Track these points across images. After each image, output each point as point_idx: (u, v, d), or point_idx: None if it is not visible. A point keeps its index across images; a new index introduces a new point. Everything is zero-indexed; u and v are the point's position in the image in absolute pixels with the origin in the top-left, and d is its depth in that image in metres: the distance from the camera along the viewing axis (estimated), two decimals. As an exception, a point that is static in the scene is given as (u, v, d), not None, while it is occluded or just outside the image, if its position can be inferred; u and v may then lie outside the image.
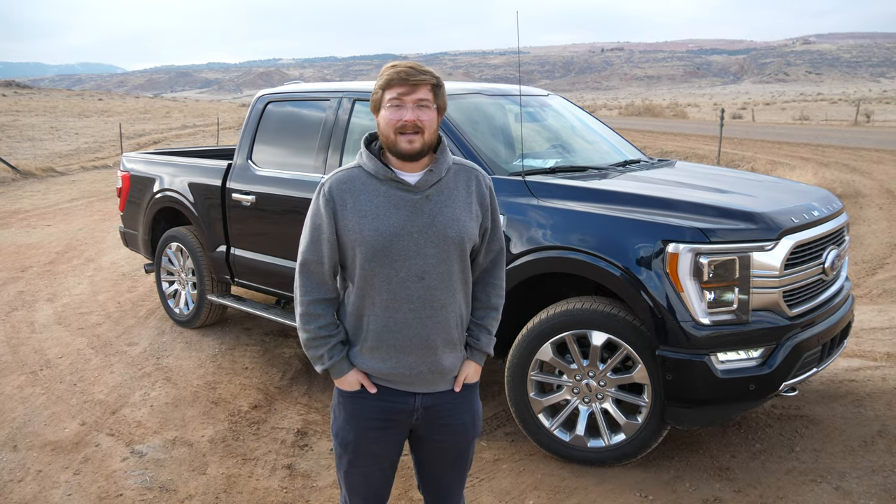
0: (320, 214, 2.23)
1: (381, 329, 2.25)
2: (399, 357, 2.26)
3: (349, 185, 2.22)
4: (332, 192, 2.22)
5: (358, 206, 2.20)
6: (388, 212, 2.19)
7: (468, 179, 2.32)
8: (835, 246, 3.88)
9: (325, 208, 2.22)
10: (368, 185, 2.22)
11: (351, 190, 2.22)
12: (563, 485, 3.68)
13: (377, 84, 2.20)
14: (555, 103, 5.54)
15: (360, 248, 2.19)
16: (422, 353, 2.26)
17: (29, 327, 6.38)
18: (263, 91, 5.67)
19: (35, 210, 13.13)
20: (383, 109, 2.19)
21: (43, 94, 65.77)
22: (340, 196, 2.22)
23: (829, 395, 4.51)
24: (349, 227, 2.20)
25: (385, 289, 2.21)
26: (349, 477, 2.41)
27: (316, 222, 2.24)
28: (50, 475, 3.88)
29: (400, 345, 2.25)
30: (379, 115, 2.21)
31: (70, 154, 23.29)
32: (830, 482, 3.56)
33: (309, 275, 2.28)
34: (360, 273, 2.23)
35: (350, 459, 2.37)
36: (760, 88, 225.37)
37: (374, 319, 2.25)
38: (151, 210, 6.35)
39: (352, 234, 2.19)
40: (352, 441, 2.34)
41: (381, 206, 2.19)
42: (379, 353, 2.27)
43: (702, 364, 3.36)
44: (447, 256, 2.23)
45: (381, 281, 2.21)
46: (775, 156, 19.28)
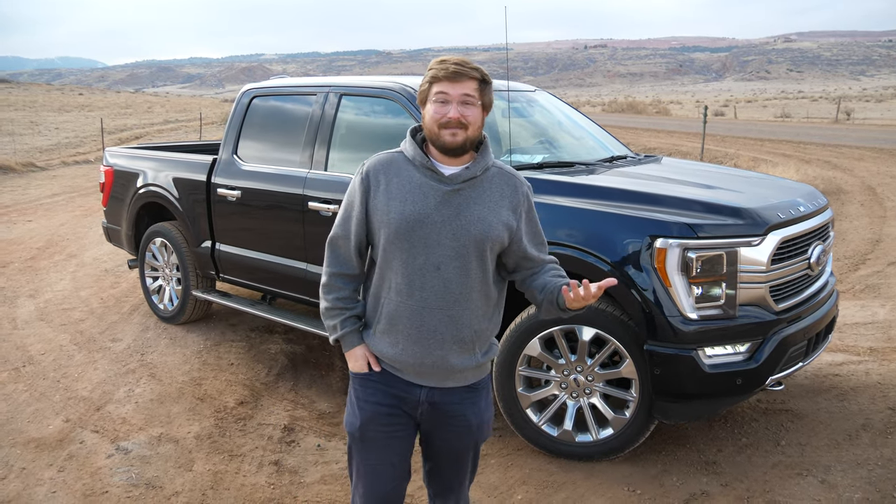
0: (354, 192, 2.31)
1: (393, 312, 2.27)
2: (406, 344, 2.27)
3: (386, 167, 2.28)
4: (368, 172, 2.29)
5: (390, 188, 2.25)
6: (416, 198, 2.22)
7: (505, 184, 2.32)
8: (820, 241, 3.91)
9: (360, 186, 2.29)
10: (404, 169, 2.27)
11: (387, 171, 2.27)
12: (552, 479, 3.69)
13: (425, 77, 2.24)
14: (541, 99, 5.54)
15: (384, 230, 2.23)
16: (429, 344, 2.26)
17: (10, 323, 6.31)
18: (249, 85, 5.63)
19: (15, 205, 12.98)
20: (429, 103, 2.22)
21: (22, 88, 65.02)
22: (376, 176, 2.28)
23: (814, 390, 4.55)
24: (378, 208, 2.25)
25: (402, 273, 2.24)
26: (360, 472, 2.39)
27: (350, 199, 2.33)
28: (34, 472, 3.84)
29: (408, 331, 2.26)
30: (425, 108, 2.25)
31: (50, 149, 23.04)
32: (816, 475, 3.59)
33: (336, 248, 2.36)
34: (381, 255, 2.27)
35: (360, 448, 2.37)
36: (742, 86, 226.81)
37: (388, 302, 2.28)
38: (135, 205, 6.29)
39: (379, 213, 2.24)
40: (359, 427, 2.34)
41: (411, 192, 2.23)
42: (389, 336, 2.29)
43: (689, 359, 3.38)
44: (465, 252, 2.23)
45: (399, 264, 2.24)
46: (757, 152, 19.40)
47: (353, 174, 4.29)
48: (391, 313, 2.27)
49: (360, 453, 2.38)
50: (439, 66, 2.21)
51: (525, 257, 2.38)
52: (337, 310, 2.36)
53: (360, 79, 5.05)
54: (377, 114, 4.84)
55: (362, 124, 4.92)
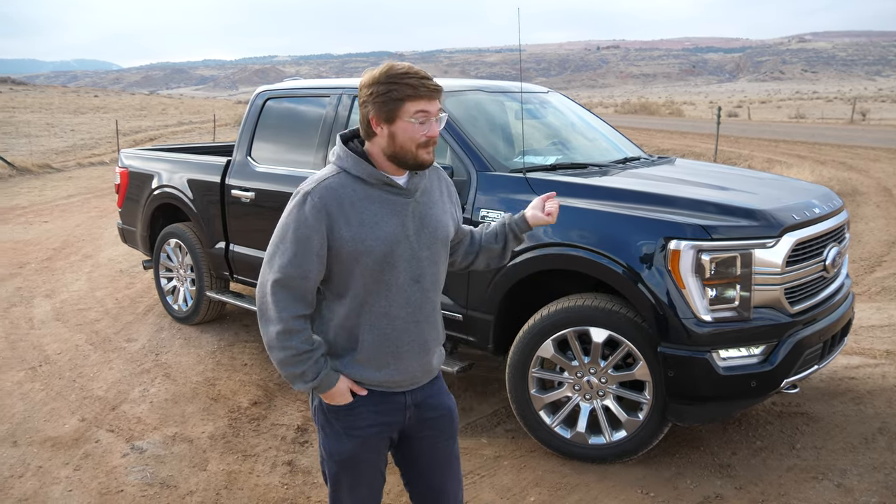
0: (309, 226, 2.04)
1: (378, 338, 2.15)
2: (396, 363, 2.18)
3: (337, 193, 2.07)
4: (323, 203, 2.05)
5: (355, 216, 2.07)
6: (385, 218, 2.10)
7: (438, 179, 2.32)
8: (836, 243, 3.89)
9: (316, 220, 2.04)
10: (359, 191, 2.10)
11: (340, 198, 2.07)
12: (565, 481, 3.68)
13: (395, 93, 2.03)
14: (554, 100, 5.54)
15: (363, 259, 2.08)
16: (418, 356, 2.22)
17: (27, 323, 6.36)
18: (263, 87, 5.66)
19: (32, 206, 13.09)
20: (403, 121, 2.05)
21: (38, 90, 65.57)
22: (331, 206, 2.06)
23: (830, 393, 4.52)
24: (348, 238, 2.06)
25: (385, 296, 2.14)
26: (352, 496, 2.29)
27: (303, 234, 2.05)
28: (50, 471, 3.87)
29: (398, 351, 2.18)
30: (395, 125, 2.06)
31: (66, 150, 23.22)
32: (832, 479, 3.57)
33: (289, 290, 2.08)
34: (359, 283, 2.11)
35: (352, 476, 2.26)
36: (756, 87, 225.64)
37: (369, 329, 2.15)
38: (150, 206, 6.33)
39: (351, 244, 2.06)
40: (351, 457, 2.23)
41: (378, 213, 2.10)
42: (374, 362, 2.17)
43: (703, 361, 3.36)
44: (437, 258, 2.22)
45: (382, 288, 2.13)
46: (772, 154, 19.30)
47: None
48: (375, 339, 2.15)
49: (352, 478, 2.27)
50: (417, 82, 2.04)
51: (459, 238, 2.44)
52: (304, 353, 2.09)
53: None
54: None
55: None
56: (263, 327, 2.11)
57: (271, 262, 2.09)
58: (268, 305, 2.09)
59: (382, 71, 2.07)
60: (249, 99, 5.69)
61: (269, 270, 2.09)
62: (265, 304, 2.09)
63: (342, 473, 2.26)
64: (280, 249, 2.07)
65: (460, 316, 4.15)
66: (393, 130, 2.07)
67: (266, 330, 2.10)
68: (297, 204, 2.07)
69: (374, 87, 2.05)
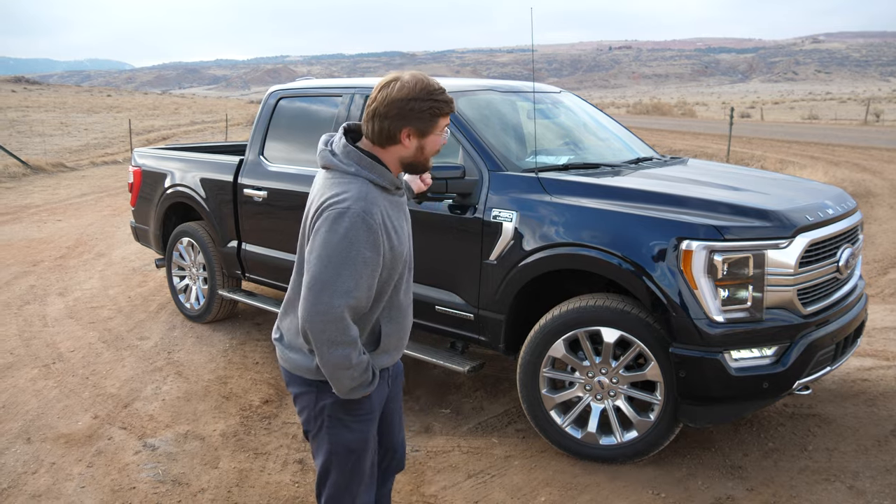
0: (368, 247, 2.06)
1: (395, 328, 2.32)
2: (400, 345, 2.40)
3: (380, 206, 2.13)
4: (376, 220, 2.08)
5: (391, 226, 2.16)
6: (402, 223, 2.26)
7: None
8: (849, 244, 3.87)
9: (377, 239, 2.08)
10: (384, 199, 2.17)
11: (382, 211, 2.13)
12: (575, 482, 3.68)
13: (432, 111, 2.13)
14: (567, 100, 5.54)
15: (398, 265, 2.21)
16: (408, 334, 2.44)
17: (41, 321, 6.41)
18: (275, 87, 5.68)
19: (45, 205, 13.18)
20: (434, 135, 2.19)
21: (52, 90, 66.01)
22: (380, 220, 2.11)
23: (842, 394, 4.50)
24: (390, 249, 2.15)
25: (400, 290, 2.31)
26: (359, 480, 2.38)
27: (364, 257, 2.05)
28: (63, 467, 3.90)
29: (404, 335, 2.39)
30: (427, 138, 2.19)
31: (80, 149, 23.37)
32: (844, 481, 3.55)
33: (355, 312, 2.11)
34: (390, 286, 2.23)
35: (361, 458, 2.36)
36: (769, 87, 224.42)
37: (388, 322, 2.29)
38: (163, 205, 6.37)
39: (392, 254, 2.17)
40: (365, 439, 2.34)
41: (400, 219, 2.23)
42: (388, 349, 2.33)
43: (715, 362, 3.35)
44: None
45: (400, 283, 2.28)
46: (785, 154, 19.20)
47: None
48: (391, 331, 2.30)
49: (357, 465, 2.35)
50: (444, 101, 2.15)
51: None
52: (367, 364, 2.19)
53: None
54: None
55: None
56: (329, 350, 2.08)
57: (334, 286, 2.04)
58: (335, 329, 2.06)
59: (420, 87, 2.12)
60: (262, 98, 5.71)
61: (334, 295, 2.04)
62: (331, 328, 2.06)
63: (350, 461, 2.34)
64: (345, 272, 2.05)
65: (472, 315, 4.15)
66: (423, 143, 2.19)
67: (334, 353, 2.08)
68: (353, 224, 2.04)
69: (414, 104, 2.10)
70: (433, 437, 4.24)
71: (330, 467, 2.36)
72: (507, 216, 3.94)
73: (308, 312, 2.06)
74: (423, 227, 4.30)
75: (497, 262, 3.97)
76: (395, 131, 2.15)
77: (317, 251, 2.06)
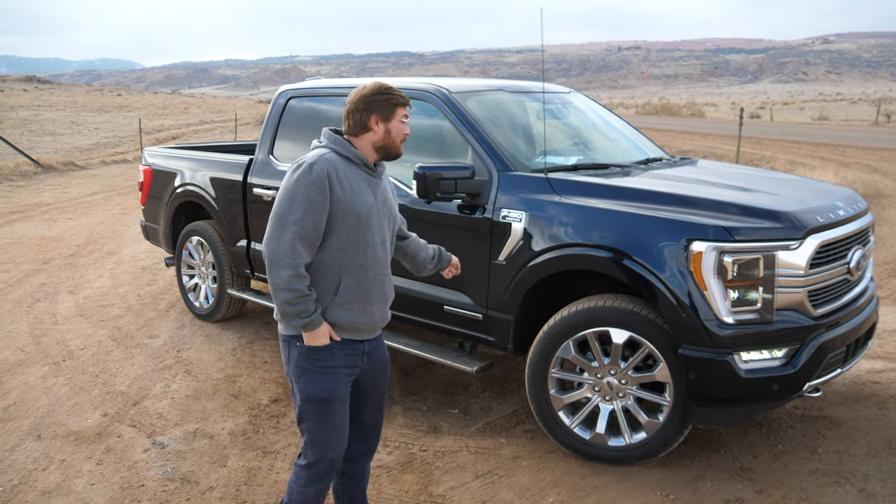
0: (317, 188, 2.57)
1: (355, 284, 2.71)
2: (365, 307, 2.74)
3: (334, 166, 2.64)
4: (325, 169, 2.60)
5: (347, 183, 2.66)
6: (364, 189, 2.71)
7: (387, 178, 2.94)
8: (860, 246, 3.85)
9: (322, 183, 2.58)
10: (347, 166, 2.70)
11: (336, 169, 2.65)
12: (584, 483, 3.67)
13: (389, 101, 2.73)
14: (576, 101, 5.53)
15: (348, 217, 2.64)
16: (380, 304, 2.81)
17: (51, 318, 6.44)
18: (285, 86, 5.69)
19: (56, 203, 13.25)
20: (396, 121, 2.75)
21: (63, 89, 66.31)
22: (331, 174, 2.61)
23: (853, 397, 4.48)
24: (341, 199, 2.62)
25: (362, 250, 2.70)
26: (330, 430, 2.74)
27: (313, 195, 2.57)
28: (73, 465, 3.92)
29: (368, 297, 2.75)
30: (390, 124, 2.74)
31: (90, 148, 23.48)
32: (854, 484, 3.53)
33: (303, 241, 2.57)
34: (342, 237, 2.65)
35: (326, 411, 2.72)
36: (779, 88, 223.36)
37: (348, 276, 2.69)
38: (173, 204, 6.39)
39: (342, 204, 2.62)
40: (329, 392, 2.71)
41: (360, 185, 2.71)
42: (349, 305, 2.71)
43: (725, 363, 3.34)
44: (392, 228, 2.88)
45: (361, 245, 2.69)
46: (795, 155, 19.12)
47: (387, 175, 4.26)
48: (352, 285, 2.70)
49: (325, 415, 2.72)
50: (398, 95, 2.74)
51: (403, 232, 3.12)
52: (307, 295, 2.60)
53: (394, 80, 5.07)
54: (412, 115, 4.84)
55: (397, 125, 4.94)
56: (274, 272, 2.57)
57: (284, 218, 2.57)
58: (282, 254, 2.56)
59: (378, 85, 2.76)
60: (271, 98, 5.72)
61: (284, 225, 2.56)
62: (278, 253, 2.56)
63: (322, 410, 2.72)
64: (293, 208, 2.57)
65: (480, 316, 4.15)
66: (388, 127, 2.75)
67: (277, 274, 2.57)
68: (304, 171, 2.59)
69: (375, 96, 2.72)
70: (441, 437, 4.24)
71: (302, 415, 2.76)
72: (516, 216, 3.93)
73: (266, 238, 2.61)
74: (433, 227, 4.31)
75: (506, 263, 3.97)
76: (365, 119, 2.72)
77: (279, 193, 2.63)
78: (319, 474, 2.80)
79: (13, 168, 17.11)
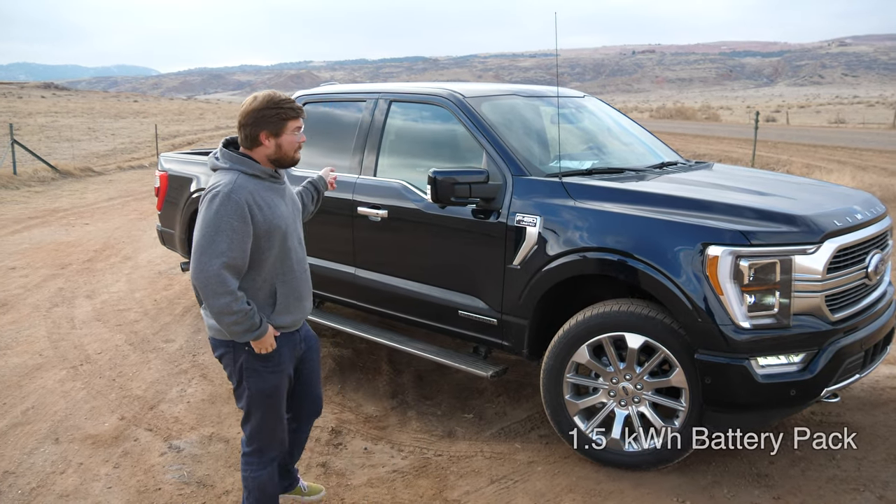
0: (239, 217, 2.70)
1: (289, 289, 2.94)
2: (299, 304, 3.00)
3: (249, 188, 2.78)
4: (243, 197, 2.73)
5: (264, 203, 2.80)
6: (278, 202, 2.88)
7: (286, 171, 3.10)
8: (878, 250, 3.82)
9: (242, 211, 2.71)
10: (257, 184, 2.82)
11: (252, 192, 2.78)
12: (599, 488, 3.65)
13: (279, 116, 2.82)
14: (590, 105, 5.52)
15: (273, 235, 2.81)
16: (308, 295, 3.07)
17: (69, 323, 6.50)
18: (300, 92, 5.72)
19: (73, 209, 13.37)
20: (287, 136, 2.85)
21: (80, 95, 66.94)
22: (250, 198, 2.75)
23: (871, 403, 4.43)
24: (262, 221, 2.77)
25: (289, 257, 2.92)
26: (274, 420, 3.00)
27: (235, 225, 2.70)
28: (90, 468, 3.95)
29: (300, 297, 3.00)
30: (280, 139, 2.84)
31: (107, 154, 23.68)
32: (873, 491, 3.50)
33: (232, 269, 2.72)
34: (272, 254, 2.84)
35: (272, 404, 2.97)
36: (795, 91, 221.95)
37: (282, 284, 2.92)
38: (188, 209, 6.42)
39: (265, 226, 2.78)
40: (276, 389, 2.96)
41: (274, 199, 2.86)
42: (286, 309, 2.94)
43: (741, 368, 3.32)
44: (300, 221, 3.11)
45: (286, 253, 2.90)
46: (811, 159, 18.99)
47: (401, 180, 4.30)
48: (287, 292, 2.93)
49: (272, 408, 2.97)
50: (289, 108, 2.83)
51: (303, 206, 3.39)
52: (249, 311, 2.76)
53: (409, 85, 5.09)
54: (426, 120, 4.87)
55: (411, 130, 4.96)
56: (211, 300, 2.71)
57: (209, 249, 2.68)
58: (214, 284, 2.68)
59: (268, 99, 2.82)
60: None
61: (211, 256, 2.68)
62: (210, 283, 2.69)
63: (268, 404, 2.96)
64: (218, 239, 2.68)
65: (495, 320, 4.15)
66: (279, 142, 2.85)
67: (216, 302, 2.71)
68: (223, 201, 2.70)
69: (264, 111, 2.80)
70: (456, 441, 4.24)
71: (251, 410, 2.98)
72: (530, 221, 3.93)
73: (194, 271, 2.71)
74: (447, 232, 4.31)
75: (521, 267, 3.97)
76: (255, 135, 2.83)
77: (198, 224, 2.73)
78: (270, 458, 3.07)
79: (32, 174, 17.28)
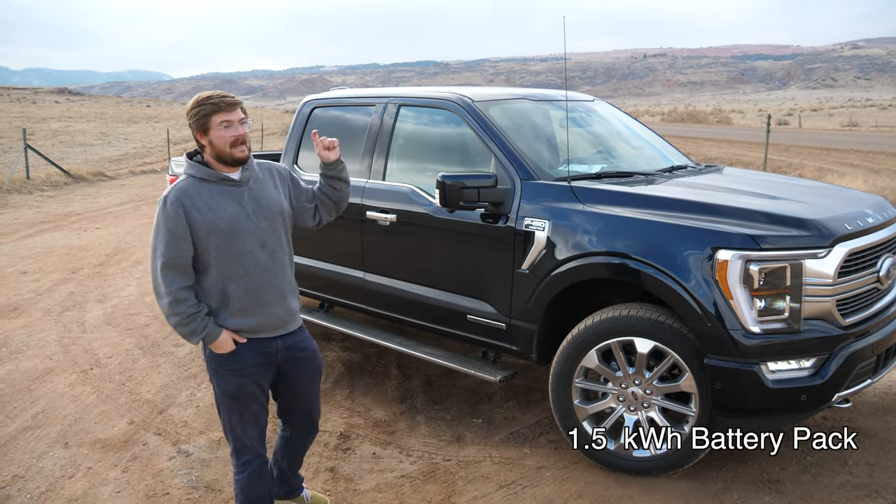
0: (172, 218, 2.77)
1: (243, 292, 2.89)
2: (261, 309, 2.93)
3: (189, 192, 2.82)
4: (179, 199, 2.79)
5: (203, 204, 2.81)
6: (224, 204, 2.85)
7: (270, 171, 3.08)
8: (890, 254, 3.78)
9: (176, 213, 2.77)
10: (203, 187, 2.85)
11: (192, 194, 2.82)
12: (608, 494, 3.63)
13: (202, 113, 2.80)
14: (600, 109, 5.50)
15: (214, 235, 2.81)
16: (278, 301, 2.98)
17: (80, 327, 6.53)
18: (310, 96, 5.73)
19: (86, 213, 13.45)
20: (214, 130, 2.81)
21: (93, 100, 67.43)
22: (187, 200, 2.80)
23: (884, 408, 4.39)
24: (199, 221, 2.79)
25: (238, 260, 2.86)
26: (242, 422, 3.00)
27: (171, 225, 2.77)
28: (99, 472, 3.96)
29: (260, 300, 2.92)
30: (209, 135, 2.82)
31: (119, 159, 23.85)
32: (886, 497, 3.46)
33: (172, 269, 2.80)
34: (215, 254, 2.83)
35: (240, 406, 2.98)
36: (807, 94, 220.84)
37: (234, 286, 2.88)
38: (199, 214, 6.44)
39: (204, 225, 2.79)
40: (237, 391, 2.95)
41: (219, 201, 2.85)
42: (244, 311, 2.90)
43: (751, 373, 3.29)
44: (277, 226, 2.99)
45: (234, 255, 2.85)
46: (823, 162, 18.88)
47: (410, 184, 4.31)
48: (241, 294, 2.88)
49: (236, 408, 2.98)
50: (210, 103, 2.80)
51: (308, 205, 3.22)
52: (192, 315, 2.82)
53: (418, 89, 5.09)
54: (435, 124, 4.87)
55: (420, 134, 4.96)
56: (159, 301, 2.84)
57: (154, 252, 2.81)
58: (159, 284, 2.81)
59: (195, 100, 2.85)
60: (296, 108, 5.77)
61: (155, 258, 2.80)
62: (157, 284, 2.82)
63: (232, 405, 2.98)
64: (158, 241, 2.80)
65: (503, 325, 4.14)
66: (210, 138, 2.83)
67: (161, 303, 2.83)
68: (161, 206, 2.81)
69: (192, 112, 2.83)
70: (465, 446, 4.23)
71: (219, 409, 3.05)
72: (539, 225, 3.92)
73: (151, 274, 2.86)
74: (456, 236, 4.30)
75: (529, 272, 3.95)
76: (194, 136, 2.89)
77: None
78: (245, 462, 3.08)
79: (44, 178, 17.42)
